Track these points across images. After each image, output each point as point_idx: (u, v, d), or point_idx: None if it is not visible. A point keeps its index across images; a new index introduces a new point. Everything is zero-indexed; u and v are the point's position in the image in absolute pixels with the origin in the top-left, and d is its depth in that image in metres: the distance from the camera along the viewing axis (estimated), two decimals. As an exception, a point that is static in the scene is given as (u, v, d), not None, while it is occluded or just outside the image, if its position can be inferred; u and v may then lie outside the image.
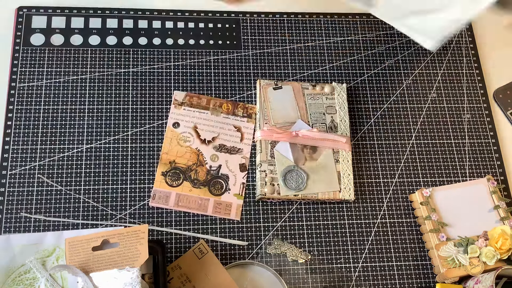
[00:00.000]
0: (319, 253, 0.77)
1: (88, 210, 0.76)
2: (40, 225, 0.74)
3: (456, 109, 0.88)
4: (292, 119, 0.82)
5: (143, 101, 0.83)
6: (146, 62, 0.85)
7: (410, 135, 0.86)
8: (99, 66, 0.84)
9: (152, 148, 0.80)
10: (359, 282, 0.76)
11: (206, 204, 0.77)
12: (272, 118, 0.81)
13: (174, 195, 0.77)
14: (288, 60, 0.88)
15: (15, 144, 0.78)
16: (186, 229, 0.76)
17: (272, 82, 0.84)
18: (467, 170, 0.84)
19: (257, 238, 0.77)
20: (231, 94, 0.85)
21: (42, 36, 0.85)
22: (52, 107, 0.81)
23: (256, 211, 0.78)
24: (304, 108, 0.83)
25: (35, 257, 0.70)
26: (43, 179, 0.76)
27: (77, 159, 0.78)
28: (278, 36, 0.90)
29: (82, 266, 0.65)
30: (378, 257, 0.77)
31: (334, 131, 0.82)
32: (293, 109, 0.82)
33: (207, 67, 0.86)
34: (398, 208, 0.81)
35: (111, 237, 0.66)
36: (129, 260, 0.65)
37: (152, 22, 0.88)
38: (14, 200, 0.75)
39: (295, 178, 0.78)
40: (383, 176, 0.82)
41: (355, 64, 0.89)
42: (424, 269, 0.77)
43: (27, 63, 0.83)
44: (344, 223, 0.79)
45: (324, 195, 0.77)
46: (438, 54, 0.92)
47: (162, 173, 0.78)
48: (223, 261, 0.74)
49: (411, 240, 0.79)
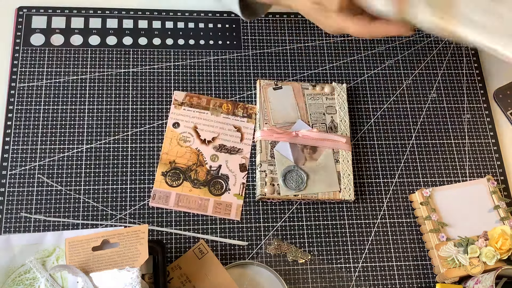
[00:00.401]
0: (319, 253, 0.77)
1: (88, 210, 0.76)
2: (40, 225, 0.74)
3: (456, 109, 0.88)
4: (292, 119, 0.82)
5: (143, 101, 0.83)
6: (146, 62, 0.85)
7: (410, 135, 0.86)
8: (99, 66, 0.84)
9: (152, 148, 0.80)
10: (359, 282, 0.76)
11: (206, 204, 0.77)
12: (272, 118, 0.81)
13: (174, 195, 0.77)
14: (288, 60, 0.88)
15: (15, 144, 0.78)
16: (186, 229, 0.76)
17: (272, 82, 0.84)
18: (467, 170, 0.84)
19: (257, 238, 0.77)
20: (231, 94, 0.85)
21: (42, 36, 0.85)
22: (52, 107, 0.81)
23: (256, 211, 0.78)
24: (304, 108, 0.83)
25: (35, 257, 0.70)
26: (43, 179, 0.76)
27: (77, 159, 0.78)
28: (278, 36, 0.90)
29: (82, 266, 0.65)
30: (378, 257, 0.77)
31: (334, 131, 0.82)
32: (293, 109, 0.82)
33: (207, 67, 0.86)
34: (398, 208, 0.81)
35: (111, 237, 0.66)
36: (129, 260, 0.65)
37: (152, 22, 0.88)
38: (14, 200, 0.75)
39: (295, 178, 0.78)
40: (383, 176, 0.82)
41: (355, 64, 0.89)
42: (424, 269, 0.77)
43: (27, 63, 0.83)
44: (344, 223, 0.79)
45: (324, 195, 0.77)
46: (438, 54, 0.92)
47: (162, 173, 0.78)
48: (223, 261, 0.74)
49: (411, 240, 0.79)
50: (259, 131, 0.80)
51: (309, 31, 0.91)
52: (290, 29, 0.90)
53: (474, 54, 0.93)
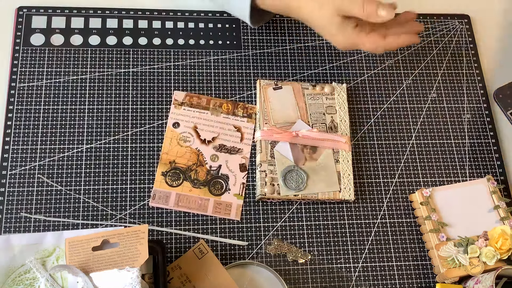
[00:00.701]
0: (319, 253, 0.77)
1: (88, 210, 0.76)
2: (40, 225, 0.74)
3: (456, 109, 0.88)
4: (292, 119, 0.82)
5: (143, 101, 0.83)
6: (146, 62, 0.85)
7: (410, 135, 0.86)
8: (99, 66, 0.84)
9: (152, 148, 0.80)
10: (359, 282, 0.76)
11: (206, 204, 0.77)
12: (272, 118, 0.81)
13: (174, 195, 0.77)
14: (288, 60, 0.88)
15: (15, 144, 0.78)
16: (186, 229, 0.76)
17: (272, 82, 0.84)
18: (467, 170, 0.84)
19: (257, 238, 0.77)
20: (231, 94, 0.85)
21: (42, 36, 0.85)
22: (52, 107, 0.81)
23: (256, 211, 0.78)
24: (304, 108, 0.83)
25: (35, 257, 0.70)
26: (43, 179, 0.76)
27: (77, 159, 0.78)
28: (278, 36, 0.90)
29: (82, 266, 0.65)
30: (378, 257, 0.77)
31: (334, 131, 0.82)
32: (293, 109, 0.82)
33: (207, 67, 0.86)
34: (398, 208, 0.81)
35: (111, 237, 0.66)
36: (129, 260, 0.65)
37: (152, 22, 0.88)
38: (14, 200, 0.75)
39: (295, 178, 0.78)
40: (383, 176, 0.82)
41: (355, 64, 0.89)
42: (424, 269, 0.77)
43: (27, 63, 0.83)
44: (344, 223, 0.79)
45: (324, 195, 0.77)
46: (438, 54, 0.92)
47: (162, 173, 0.78)
48: (223, 261, 0.74)
49: (411, 240, 0.79)
50: (259, 131, 0.80)
51: (309, 31, 0.91)
52: (290, 29, 0.90)
53: (474, 54, 0.93)
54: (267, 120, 0.81)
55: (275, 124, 0.81)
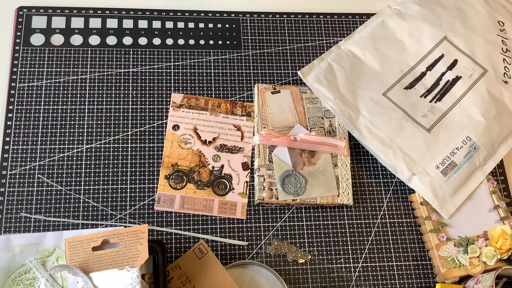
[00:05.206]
0: (319, 253, 0.77)
1: (88, 210, 0.75)
2: (40, 225, 0.74)
3: (456, 109, 0.88)
4: (290, 123, 0.82)
5: (143, 101, 0.83)
6: (146, 62, 0.85)
7: (410, 135, 0.86)
8: (99, 66, 0.84)
9: (152, 148, 0.80)
10: (359, 282, 0.76)
11: (211, 205, 0.77)
12: (271, 123, 0.81)
13: (178, 197, 0.77)
14: (288, 60, 0.88)
15: (15, 144, 0.78)
16: (186, 229, 0.76)
17: (270, 86, 0.84)
18: (467, 170, 0.84)
19: (257, 238, 0.77)
20: (231, 94, 0.85)
21: (42, 36, 0.85)
22: (52, 107, 0.81)
23: (256, 212, 0.78)
24: (302, 112, 0.83)
25: (35, 257, 0.70)
26: (43, 179, 0.76)
27: (77, 159, 0.78)
28: (278, 36, 0.90)
29: (82, 266, 0.65)
30: (378, 257, 0.77)
31: (332, 135, 0.82)
32: (291, 113, 0.82)
33: (207, 67, 0.86)
34: (398, 208, 0.81)
35: (111, 237, 0.66)
36: (129, 260, 0.65)
37: (152, 22, 0.88)
38: (14, 200, 0.75)
39: (293, 183, 0.77)
40: (383, 176, 0.82)
41: (355, 64, 0.89)
42: (424, 269, 0.77)
43: (27, 63, 0.83)
44: (344, 223, 0.79)
45: (323, 199, 0.77)
46: (438, 54, 0.92)
47: (165, 177, 0.78)
48: (223, 261, 0.74)
49: (411, 240, 0.79)
50: (257, 135, 0.80)
51: (309, 31, 0.91)
52: (290, 29, 0.91)
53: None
54: (265, 125, 0.81)
55: (273, 128, 0.81)
